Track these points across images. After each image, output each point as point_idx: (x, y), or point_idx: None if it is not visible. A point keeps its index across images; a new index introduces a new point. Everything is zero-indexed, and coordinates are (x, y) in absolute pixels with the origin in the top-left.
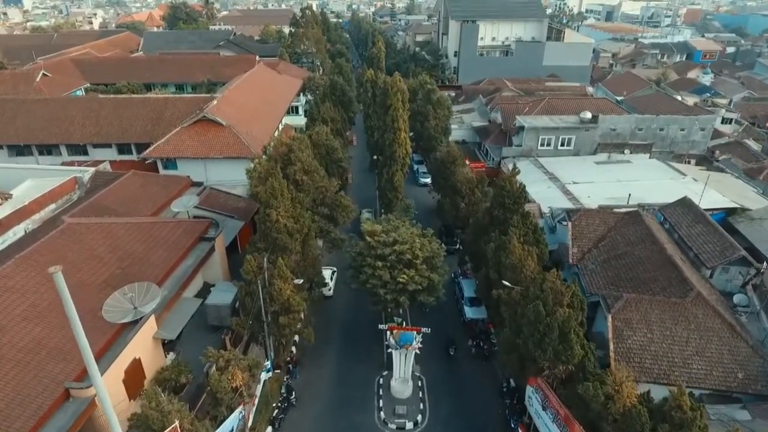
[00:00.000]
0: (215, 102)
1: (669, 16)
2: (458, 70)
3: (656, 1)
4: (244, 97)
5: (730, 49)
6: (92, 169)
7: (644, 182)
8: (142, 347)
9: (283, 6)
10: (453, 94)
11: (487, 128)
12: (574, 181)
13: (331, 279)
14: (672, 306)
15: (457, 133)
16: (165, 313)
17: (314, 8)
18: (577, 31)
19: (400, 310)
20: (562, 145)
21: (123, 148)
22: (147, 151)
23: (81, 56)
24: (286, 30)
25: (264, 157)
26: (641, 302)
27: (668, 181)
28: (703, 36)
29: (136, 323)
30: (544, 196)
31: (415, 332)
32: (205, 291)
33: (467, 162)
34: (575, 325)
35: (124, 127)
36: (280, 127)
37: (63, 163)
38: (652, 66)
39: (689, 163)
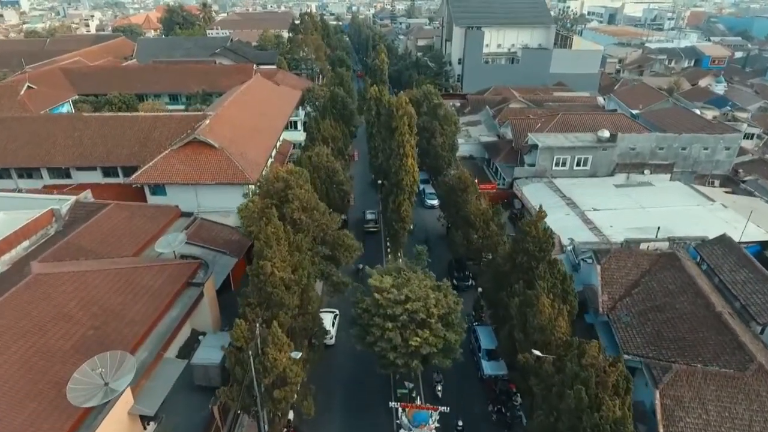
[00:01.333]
0: (207, 121)
1: (672, 19)
2: (462, 77)
3: (658, 3)
4: (239, 113)
5: (738, 54)
6: (71, 200)
7: (670, 209)
8: (116, 428)
9: (282, 8)
10: (458, 104)
11: (496, 144)
12: (594, 207)
13: (333, 325)
14: (730, 381)
15: (463, 148)
16: (143, 380)
17: (314, 9)
18: (581, 35)
19: (411, 374)
20: (578, 165)
21: (109, 171)
22: (133, 176)
23: (70, 65)
24: (285, 35)
25: (256, 189)
26: (694, 375)
27: (695, 207)
28: (708, 40)
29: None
30: (563, 225)
31: (431, 411)
32: (192, 340)
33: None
34: (630, 427)
35: (109, 149)
36: (278, 144)
37: (44, 187)
38: (661, 73)
39: (713, 183)
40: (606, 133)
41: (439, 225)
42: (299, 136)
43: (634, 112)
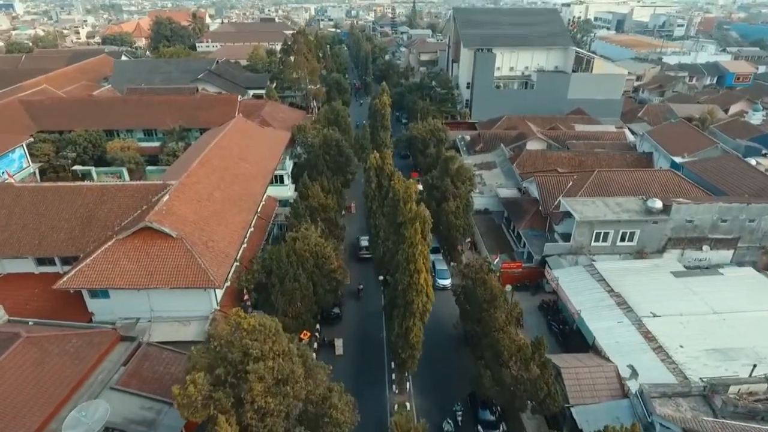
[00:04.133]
0: (166, 197)
1: (682, 25)
2: (471, 103)
3: (665, 8)
4: (209, 178)
5: (762, 68)
6: None
7: (752, 315)
8: None
9: (280, 12)
10: (468, 137)
11: (518, 203)
12: (653, 311)
13: None
14: None
15: (478, 200)
16: None
17: (312, 12)
18: (589, 47)
19: None
20: (623, 239)
21: (44, 258)
22: (64, 279)
23: (32, 96)
24: (280, 48)
25: (207, 344)
26: None
27: None
28: (724, 50)
29: None
30: (616, 341)
31: None
32: None
33: (498, 256)
34: None
35: (42, 233)
36: (260, 208)
37: None
38: (684, 94)
39: None
40: (658, 204)
41: (454, 308)
42: (286, 191)
43: (677, 160)
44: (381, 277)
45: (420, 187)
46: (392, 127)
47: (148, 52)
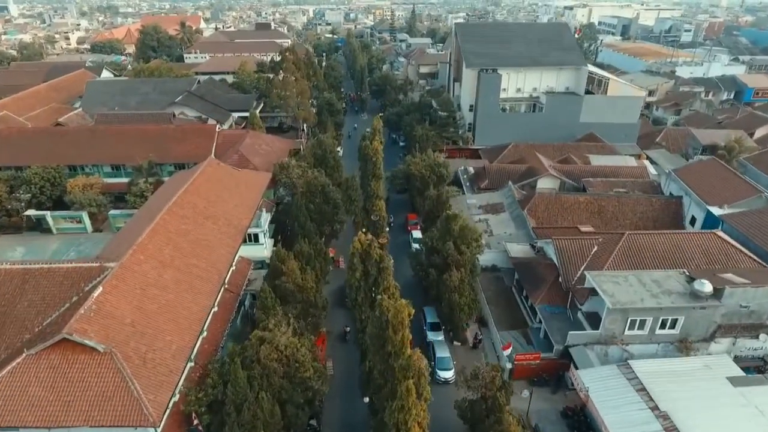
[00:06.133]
0: (97, 291)
1: (689, 30)
2: (475, 128)
3: (669, 11)
4: (162, 252)
5: None
6: None
7: None
8: None
9: (277, 15)
10: (471, 170)
11: (532, 266)
12: None
13: None
14: None
15: (484, 257)
16: None
17: (311, 13)
18: (596, 57)
19: None
20: (663, 327)
21: None
22: None
23: None
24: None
25: None
26: None
27: None
28: (736, 59)
29: None
30: None
31: None
32: None
33: (510, 346)
34: None
35: None
36: (228, 274)
37: None
38: (701, 112)
39: None
40: (707, 288)
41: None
42: (261, 251)
43: (715, 211)
44: (366, 399)
45: (417, 233)
46: (389, 149)
47: (130, 65)
